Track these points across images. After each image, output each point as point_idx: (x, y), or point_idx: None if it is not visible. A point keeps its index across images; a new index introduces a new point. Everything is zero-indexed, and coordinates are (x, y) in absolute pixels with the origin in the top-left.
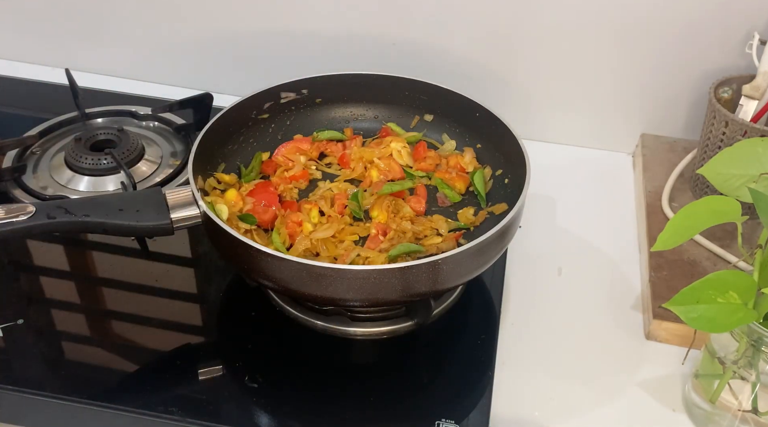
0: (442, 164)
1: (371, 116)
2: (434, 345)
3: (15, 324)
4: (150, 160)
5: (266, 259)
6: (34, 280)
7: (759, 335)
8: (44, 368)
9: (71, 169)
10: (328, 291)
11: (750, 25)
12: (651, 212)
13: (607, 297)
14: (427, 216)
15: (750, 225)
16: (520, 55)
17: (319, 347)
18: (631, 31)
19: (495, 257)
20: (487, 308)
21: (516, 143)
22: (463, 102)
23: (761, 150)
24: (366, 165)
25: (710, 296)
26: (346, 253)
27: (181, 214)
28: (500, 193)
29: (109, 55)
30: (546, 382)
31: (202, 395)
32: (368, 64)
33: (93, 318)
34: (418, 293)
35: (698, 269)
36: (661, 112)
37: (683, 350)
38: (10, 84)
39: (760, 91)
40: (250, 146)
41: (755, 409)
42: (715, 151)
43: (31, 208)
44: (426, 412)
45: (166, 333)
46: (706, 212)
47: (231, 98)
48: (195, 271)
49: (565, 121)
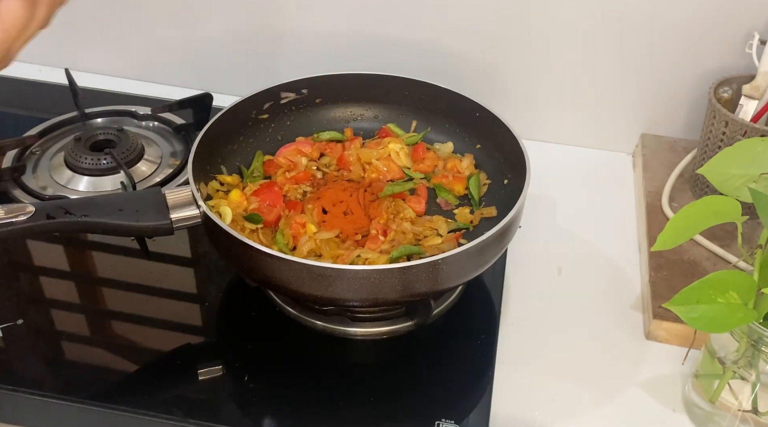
0: (440, 167)
1: (371, 116)
2: (434, 345)
3: (15, 324)
4: (150, 160)
5: (265, 259)
6: (34, 280)
7: (759, 335)
8: (44, 368)
9: (71, 169)
10: (328, 291)
11: (750, 25)
12: (651, 212)
13: (607, 297)
14: (426, 216)
15: (750, 225)
16: (520, 55)
17: (319, 347)
18: (631, 31)
19: (495, 257)
20: (487, 308)
21: (516, 143)
22: (463, 102)
23: (761, 150)
24: (364, 166)
25: (710, 296)
26: (346, 253)
27: (181, 214)
28: (500, 193)
29: (109, 55)
30: (546, 382)
31: (202, 395)
32: (368, 64)
33: (93, 318)
34: (418, 293)
35: (698, 269)
36: (661, 112)
37: (683, 350)
38: (10, 84)
39: (760, 91)
40: (250, 146)
41: (755, 409)
42: (715, 151)
43: (31, 208)
44: (426, 412)
45: (166, 333)
46: (706, 212)
47: (231, 98)
48: (195, 271)
49: (564, 121)
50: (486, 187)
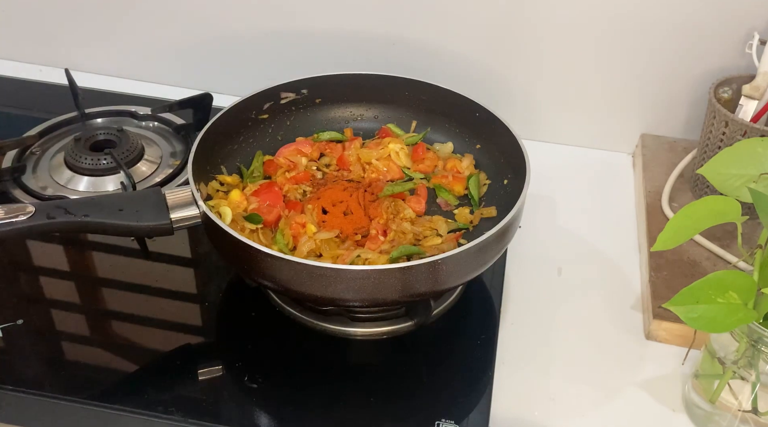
0: (440, 167)
1: (371, 116)
2: (434, 345)
3: (15, 324)
4: (150, 161)
5: (265, 259)
6: (34, 280)
7: (759, 335)
8: (44, 368)
9: (71, 170)
10: (328, 291)
11: (750, 25)
12: (651, 212)
13: (607, 297)
14: (426, 216)
15: (750, 225)
16: (520, 55)
17: (319, 347)
18: (631, 31)
19: (495, 257)
20: (487, 308)
21: (516, 143)
22: (463, 102)
23: (761, 150)
24: (364, 166)
25: (710, 296)
26: (346, 253)
27: (181, 214)
28: (500, 193)
29: (109, 55)
30: (546, 382)
31: (202, 395)
32: (368, 64)
33: (93, 318)
34: (418, 293)
35: (698, 269)
36: (661, 112)
37: (683, 350)
38: (10, 84)
39: (760, 91)
40: (250, 146)
41: (755, 409)
42: (715, 151)
43: (31, 208)
44: (426, 412)
45: (166, 333)
46: (706, 212)
47: (231, 98)
48: (195, 271)
49: (564, 121)
50: (486, 188)
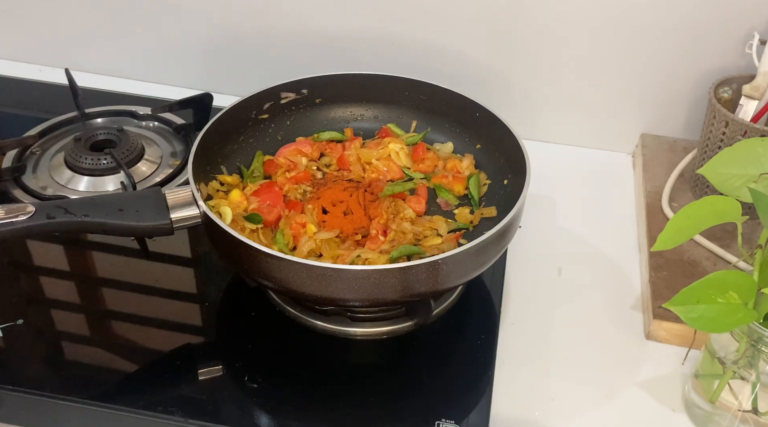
0: (440, 167)
1: (371, 116)
2: (434, 345)
3: (15, 324)
4: (150, 160)
5: (265, 259)
6: (34, 280)
7: (759, 335)
8: (44, 368)
9: (71, 169)
10: (328, 291)
11: (750, 25)
12: (651, 212)
13: (607, 297)
14: (426, 216)
15: (750, 225)
16: (520, 55)
17: (319, 347)
18: (631, 31)
19: (495, 257)
20: (487, 308)
21: (516, 143)
22: (463, 102)
23: (761, 150)
24: (364, 166)
25: (710, 296)
26: (346, 253)
27: (181, 214)
28: (500, 193)
29: (109, 55)
30: (546, 382)
31: (202, 395)
32: (368, 64)
33: (93, 318)
34: (418, 293)
35: (698, 269)
36: (661, 112)
37: (683, 350)
38: (10, 84)
39: (760, 91)
40: (250, 146)
41: (755, 409)
42: (715, 151)
43: (31, 208)
44: (426, 412)
45: (166, 333)
46: (706, 212)
47: (231, 98)
48: (195, 271)
49: (565, 121)
50: (486, 188)
